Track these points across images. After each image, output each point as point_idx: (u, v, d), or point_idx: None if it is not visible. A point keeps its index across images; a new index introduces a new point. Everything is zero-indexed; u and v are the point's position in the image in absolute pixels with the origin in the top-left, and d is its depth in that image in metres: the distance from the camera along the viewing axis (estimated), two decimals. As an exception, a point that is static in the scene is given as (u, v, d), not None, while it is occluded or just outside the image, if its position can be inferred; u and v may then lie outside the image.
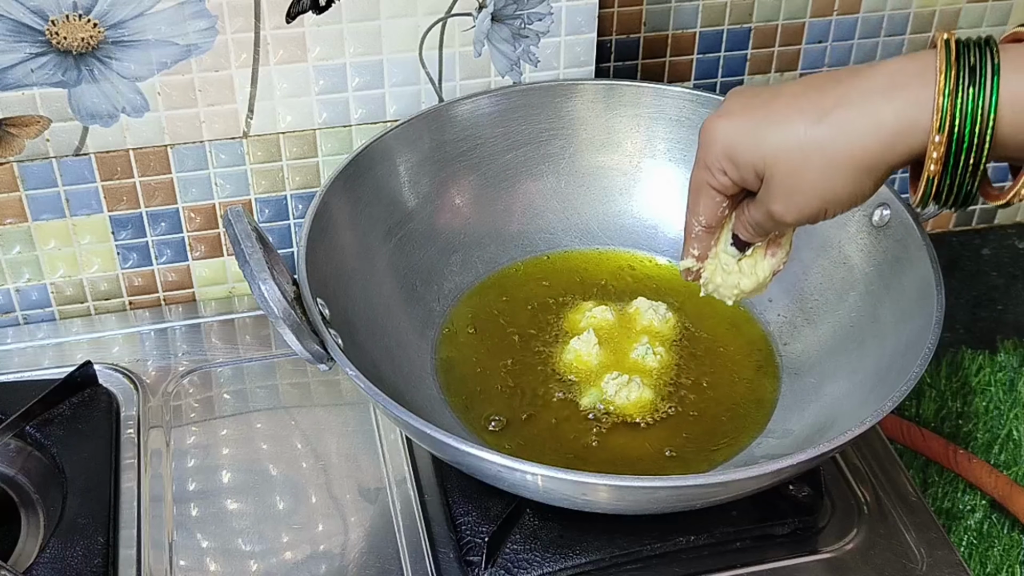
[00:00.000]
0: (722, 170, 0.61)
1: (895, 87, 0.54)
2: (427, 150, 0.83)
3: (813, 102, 0.56)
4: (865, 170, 0.55)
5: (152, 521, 0.72)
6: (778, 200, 0.58)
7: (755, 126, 0.58)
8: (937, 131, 0.53)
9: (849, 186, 0.56)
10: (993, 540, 0.82)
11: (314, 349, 0.64)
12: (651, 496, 0.62)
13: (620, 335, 0.81)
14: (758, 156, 0.58)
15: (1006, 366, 0.96)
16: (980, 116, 0.52)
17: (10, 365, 0.84)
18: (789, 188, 0.57)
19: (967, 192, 0.55)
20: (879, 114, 0.54)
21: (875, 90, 0.54)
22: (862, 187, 0.56)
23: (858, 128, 0.54)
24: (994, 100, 0.52)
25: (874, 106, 0.54)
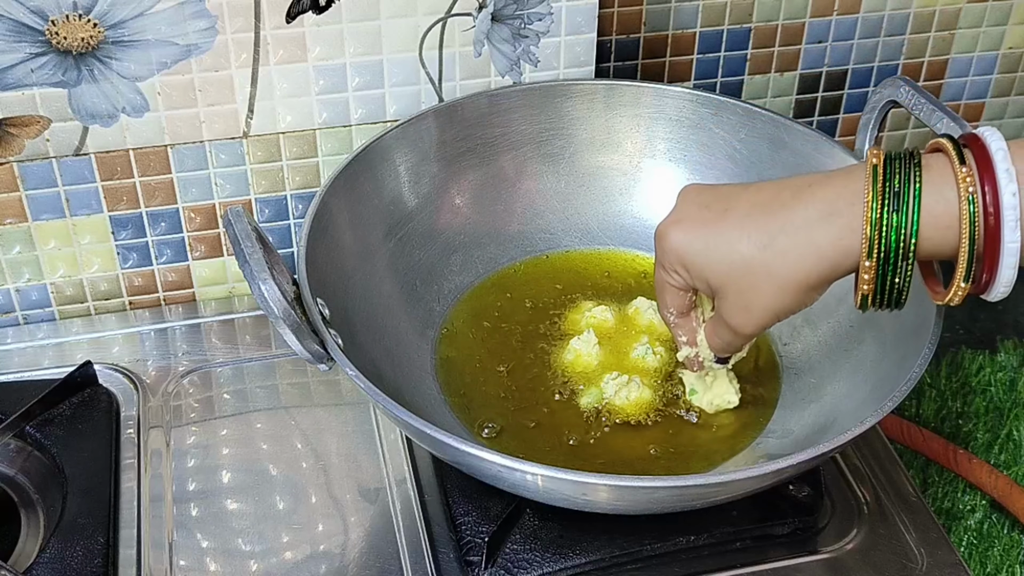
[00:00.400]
0: (676, 272, 0.67)
1: (832, 215, 0.59)
2: (427, 150, 0.83)
3: (760, 226, 0.61)
4: (808, 288, 0.62)
5: (152, 521, 0.72)
6: (735, 316, 0.65)
7: (705, 244, 0.64)
8: (866, 257, 0.58)
9: (796, 302, 0.63)
10: (993, 540, 0.82)
11: (314, 349, 0.64)
12: (651, 496, 0.62)
13: (620, 335, 0.81)
14: (710, 273, 0.64)
15: (1006, 366, 0.96)
16: (903, 237, 0.57)
17: (10, 365, 0.84)
18: (742, 305, 0.64)
19: (899, 299, 0.60)
20: (818, 242, 0.59)
21: (814, 219, 0.60)
22: (808, 300, 0.63)
23: (801, 255, 0.60)
24: (915, 222, 0.57)
25: (813, 235, 0.60)
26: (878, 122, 0.78)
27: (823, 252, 0.59)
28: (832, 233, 0.59)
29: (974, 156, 0.56)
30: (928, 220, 0.57)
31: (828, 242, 0.59)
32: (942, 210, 0.57)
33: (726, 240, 0.62)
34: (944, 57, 1.02)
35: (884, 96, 0.76)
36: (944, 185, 0.57)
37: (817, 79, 1.01)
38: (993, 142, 0.56)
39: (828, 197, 0.59)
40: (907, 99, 0.74)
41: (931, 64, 1.02)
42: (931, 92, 0.79)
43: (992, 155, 0.56)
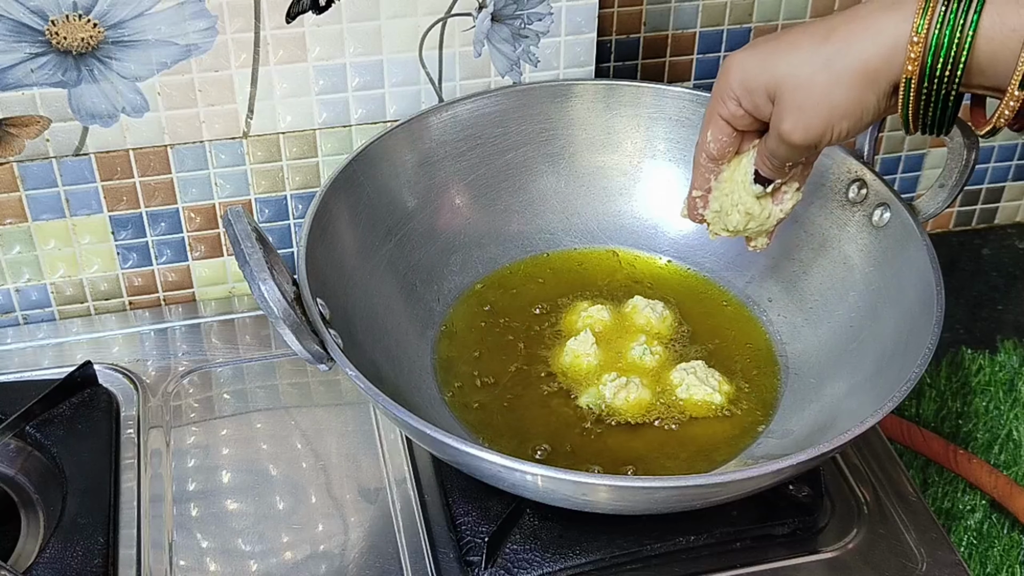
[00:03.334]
0: (734, 98, 0.64)
1: (896, 4, 0.57)
2: (427, 150, 0.83)
3: (822, 24, 0.59)
4: (866, 82, 0.58)
5: (152, 521, 0.72)
6: (787, 118, 0.61)
7: (769, 53, 0.62)
8: (915, 32, 0.56)
9: (852, 98, 0.59)
10: (993, 540, 0.82)
11: (314, 349, 0.64)
12: (651, 496, 0.62)
13: (617, 334, 0.81)
14: (770, 78, 0.61)
15: (1006, 366, 0.96)
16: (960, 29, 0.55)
17: (10, 365, 0.84)
18: (797, 104, 0.60)
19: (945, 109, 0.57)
20: (879, 26, 0.57)
21: (878, 8, 0.57)
22: (864, 100, 0.59)
23: (859, 40, 0.58)
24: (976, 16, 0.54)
25: (875, 20, 0.57)
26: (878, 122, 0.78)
27: (883, 36, 0.57)
28: (895, 16, 0.57)
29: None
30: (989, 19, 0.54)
31: (889, 23, 0.57)
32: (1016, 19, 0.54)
33: (789, 43, 0.61)
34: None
35: (884, 96, 0.76)
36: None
37: (817, 79, 1.00)
38: None
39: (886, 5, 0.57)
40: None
41: None
42: (931, 92, 0.79)
43: None
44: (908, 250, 0.73)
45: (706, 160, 0.70)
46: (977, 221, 1.12)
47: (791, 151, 0.64)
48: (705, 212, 0.73)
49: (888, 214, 0.76)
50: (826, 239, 0.80)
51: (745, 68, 0.63)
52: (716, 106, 0.66)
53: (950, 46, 0.55)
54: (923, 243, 0.72)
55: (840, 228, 0.79)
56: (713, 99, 0.66)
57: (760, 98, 0.63)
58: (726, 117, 0.66)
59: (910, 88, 0.57)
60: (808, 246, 0.80)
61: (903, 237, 0.74)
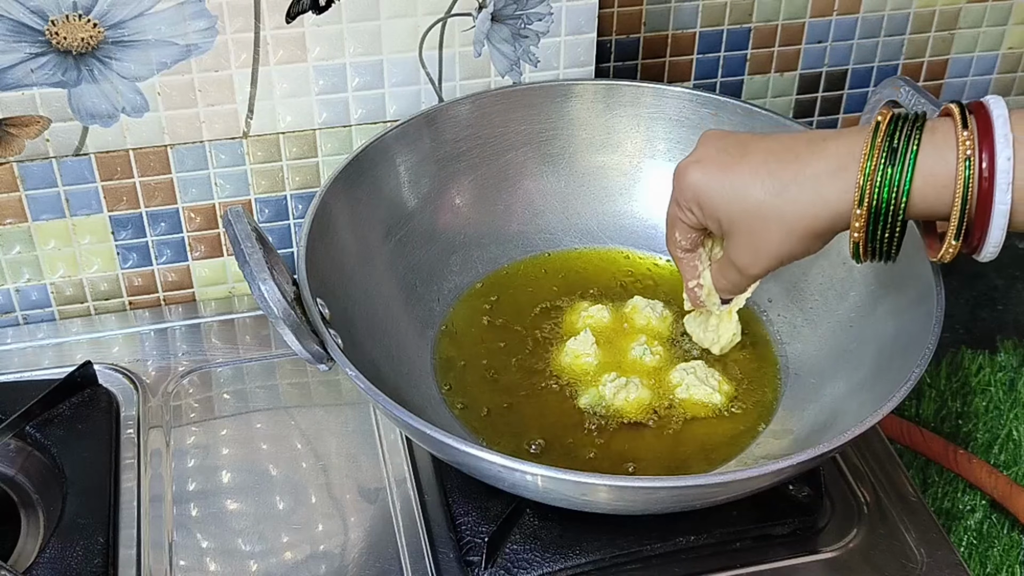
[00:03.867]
0: (690, 210, 0.70)
1: (840, 170, 0.63)
2: (427, 150, 0.83)
3: (774, 173, 0.65)
4: (815, 236, 0.65)
5: (152, 521, 0.72)
6: (742, 256, 0.69)
7: (721, 186, 0.67)
8: (857, 205, 0.62)
9: (802, 247, 0.66)
10: (993, 540, 0.82)
11: (314, 349, 0.64)
12: (651, 496, 0.62)
13: (617, 334, 0.81)
14: (723, 213, 0.67)
15: (1006, 366, 0.96)
16: (896, 192, 0.61)
17: (10, 365, 0.84)
18: (752, 246, 0.68)
19: (888, 252, 0.64)
20: (826, 195, 0.63)
21: (823, 173, 0.63)
22: (813, 247, 0.67)
23: (810, 204, 0.64)
24: (908, 180, 0.60)
25: (821, 187, 0.63)
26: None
27: (830, 203, 0.63)
28: (838, 187, 0.63)
29: (976, 121, 0.60)
30: (927, 179, 0.60)
31: (835, 195, 0.63)
32: (941, 171, 0.60)
33: (742, 183, 0.66)
34: (944, 57, 1.02)
35: (884, 96, 0.76)
36: (945, 147, 0.60)
37: (817, 79, 1.01)
38: (995, 108, 0.60)
39: (839, 153, 0.63)
40: (907, 99, 0.74)
41: (931, 64, 1.02)
42: (931, 92, 0.79)
43: (993, 121, 0.59)
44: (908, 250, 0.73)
45: (684, 255, 0.74)
46: (977, 221, 1.12)
47: (740, 279, 0.71)
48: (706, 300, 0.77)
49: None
50: (826, 239, 0.80)
51: (700, 190, 0.68)
52: (677, 212, 0.71)
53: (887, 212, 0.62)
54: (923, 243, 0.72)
55: (840, 228, 0.79)
56: (672, 204, 0.72)
57: (713, 224, 0.69)
58: (688, 223, 0.71)
59: (859, 246, 0.64)
60: (808, 246, 0.80)
61: (903, 237, 0.74)
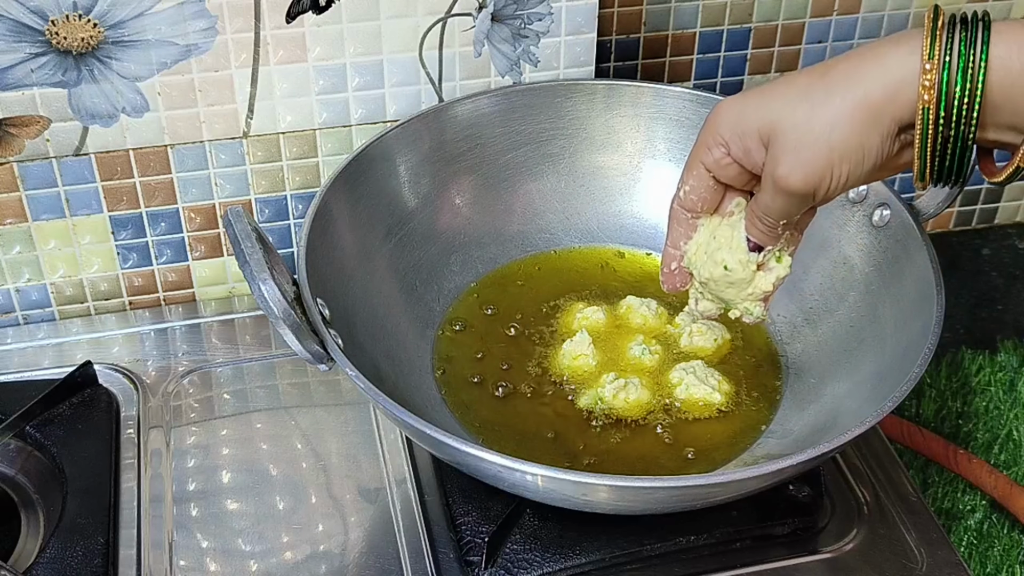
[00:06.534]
0: (722, 144, 0.60)
1: (901, 39, 0.53)
2: (427, 150, 0.83)
3: (820, 65, 0.56)
4: (870, 119, 0.54)
5: (152, 521, 0.72)
6: (783, 161, 0.56)
7: (764, 95, 0.58)
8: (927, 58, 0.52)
9: (854, 137, 0.54)
10: (993, 540, 0.82)
11: (314, 349, 0.64)
12: (651, 496, 0.62)
13: (614, 334, 0.81)
14: (764, 119, 0.57)
15: (1006, 366, 0.96)
16: (972, 57, 0.51)
17: (10, 365, 0.84)
18: (793, 145, 0.56)
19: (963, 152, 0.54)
20: (883, 60, 0.53)
21: (880, 44, 0.54)
22: (867, 141, 0.54)
23: (862, 74, 0.54)
24: (985, 45, 0.51)
25: (878, 54, 0.54)
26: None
27: (889, 69, 0.53)
28: (900, 50, 0.53)
29: None
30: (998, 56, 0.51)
31: (895, 56, 0.53)
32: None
33: (784, 82, 0.57)
34: (944, 57, 1.02)
35: (884, 96, 0.76)
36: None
37: (817, 79, 1.00)
38: None
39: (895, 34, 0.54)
40: (907, 99, 0.74)
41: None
42: (931, 92, 0.79)
43: None
44: (908, 250, 0.73)
45: (679, 208, 0.65)
46: (977, 221, 1.12)
47: (787, 202, 0.59)
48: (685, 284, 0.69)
49: (888, 214, 0.76)
50: (826, 239, 0.80)
51: (737, 110, 0.59)
52: (699, 152, 0.61)
53: (964, 79, 0.52)
54: (923, 243, 0.72)
55: (840, 228, 0.79)
56: (697, 145, 0.62)
57: (752, 141, 0.58)
58: (709, 165, 0.61)
59: (927, 124, 0.53)
60: (808, 246, 0.80)
61: (903, 237, 0.74)
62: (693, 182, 0.63)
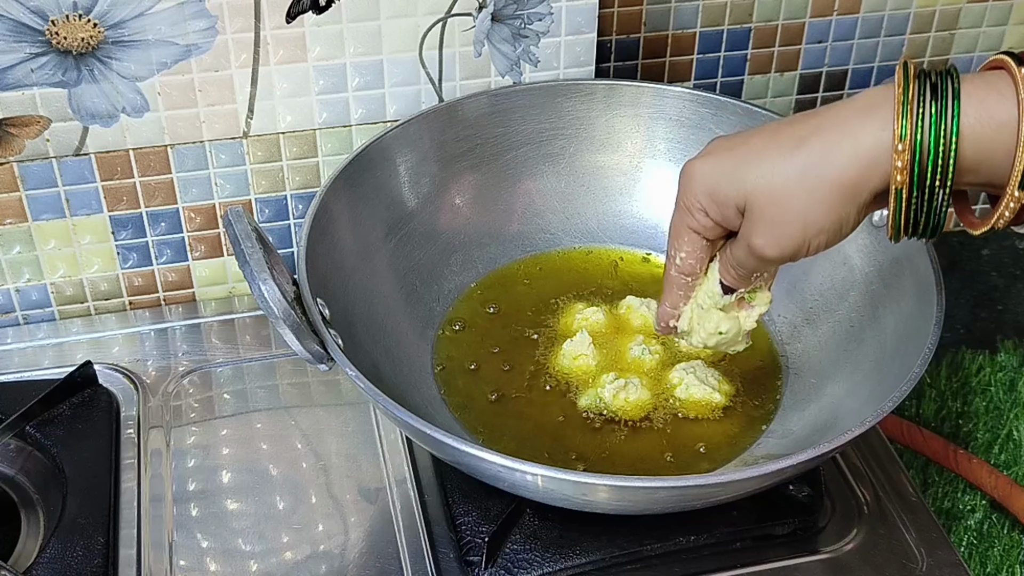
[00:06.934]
0: (702, 209, 0.60)
1: (871, 108, 0.54)
2: (427, 150, 0.83)
3: (789, 134, 0.56)
4: (847, 194, 0.55)
5: (152, 521, 0.72)
6: (760, 232, 0.58)
7: (735, 163, 0.58)
8: (899, 139, 0.52)
9: (832, 212, 0.56)
10: (993, 540, 0.82)
11: (314, 349, 0.64)
12: (651, 496, 0.62)
13: (614, 334, 0.81)
14: (739, 190, 0.58)
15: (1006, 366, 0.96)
16: (944, 127, 0.52)
17: (10, 365, 0.84)
18: (771, 218, 0.57)
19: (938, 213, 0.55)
20: (857, 135, 0.54)
21: (851, 115, 0.54)
22: (845, 213, 0.56)
23: (836, 151, 0.54)
24: (956, 112, 0.52)
25: (851, 128, 0.54)
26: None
27: (863, 145, 0.53)
28: (872, 125, 0.53)
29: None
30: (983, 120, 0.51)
31: (867, 133, 0.53)
32: (1001, 111, 0.51)
33: (756, 153, 0.57)
34: (944, 57, 1.02)
35: (884, 96, 0.76)
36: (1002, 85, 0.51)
37: (817, 79, 1.01)
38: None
39: (866, 96, 0.54)
40: (907, 99, 0.74)
41: (931, 64, 1.02)
42: (931, 92, 0.79)
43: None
44: (908, 250, 0.73)
45: (678, 275, 0.65)
46: (977, 221, 1.12)
47: (762, 265, 0.61)
48: (677, 324, 0.69)
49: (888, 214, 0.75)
50: (826, 239, 0.80)
51: (710, 180, 0.59)
52: (684, 218, 0.62)
53: (937, 149, 0.52)
54: (923, 243, 0.72)
55: (840, 228, 0.79)
56: (679, 211, 0.62)
57: (729, 210, 0.59)
58: (696, 229, 0.62)
59: (901, 198, 0.54)
60: (808, 246, 0.80)
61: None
62: (688, 247, 0.63)
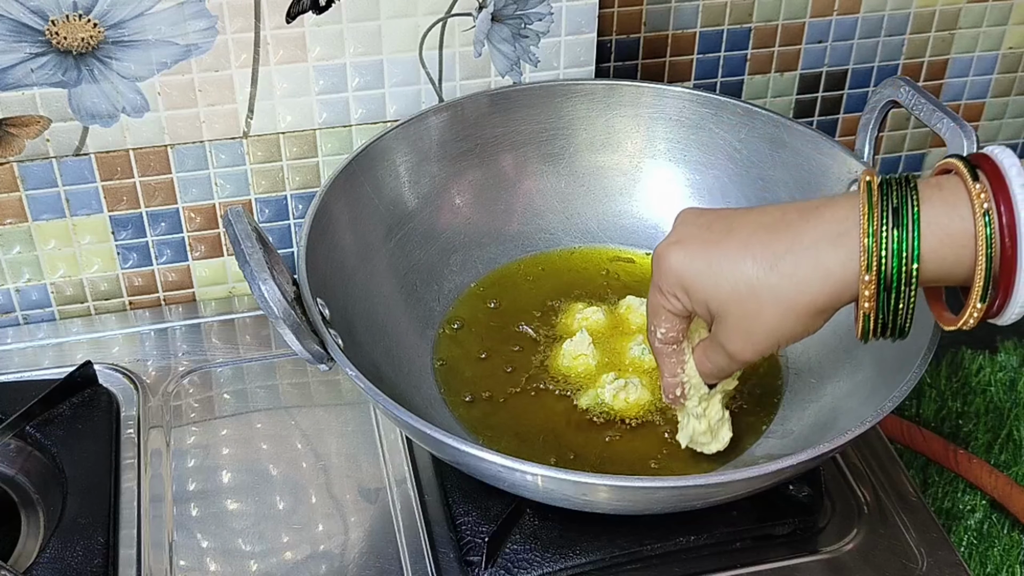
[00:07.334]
0: (675, 296, 0.63)
1: (840, 236, 0.57)
2: (427, 150, 0.83)
3: (765, 246, 0.59)
4: (816, 313, 0.59)
5: (152, 521, 0.72)
6: (734, 340, 0.62)
7: (708, 264, 0.61)
8: (865, 271, 0.56)
9: (801, 327, 0.60)
10: (993, 540, 0.82)
11: (314, 349, 0.64)
12: (651, 496, 0.62)
13: (614, 334, 0.81)
14: (711, 295, 0.61)
15: (1006, 366, 0.96)
16: (905, 254, 0.55)
17: (10, 365, 0.84)
18: (745, 330, 0.61)
19: (902, 326, 0.58)
20: (826, 264, 0.57)
21: (821, 239, 0.57)
22: (814, 326, 0.60)
23: (808, 278, 0.58)
24: (917, 237, 0.55)
25: (822, 256, 0.57)
26: (878, 122, 0.78)
27: (831, 274, 0.57)
28: (840, 255, 0.57)
29: (987, 174, 0.55)
30: (942, 239, 0.55)
31: (836, 263, 0.57)
32: (957, 228, 0.55)
33: (730, 260, 0.60)
34: (944, 57, 1.02)
35: (884, 96, 0.77)
36: (958, 203, 0.55)
37: (817, 79, 1.01)
38: (1005, 159, 0.55)
39: (837, 217, 0.57)
40: (907, 99, 0.74)
41: (931, 64, 1.02)
42: (931, 92, 0.79)
43: (1005, 172, 0.54)
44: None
45: (663, 346, 0.67)
46: (977, 221, 1.12)
47: (730, 364, 0.64)
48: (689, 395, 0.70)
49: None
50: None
51: (684, 273, 0.61)
52: (660, 300, 0.64)
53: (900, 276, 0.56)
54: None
55: (840, 228, 0.79)
56: (654, 291, 0.65)
57: (700, 308, 0.62)
58: (672, 310, 0.64)
59: (868, 319, 0.58)
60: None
61: (903, 237, 0.74)
62: (666, 324, 0.66)
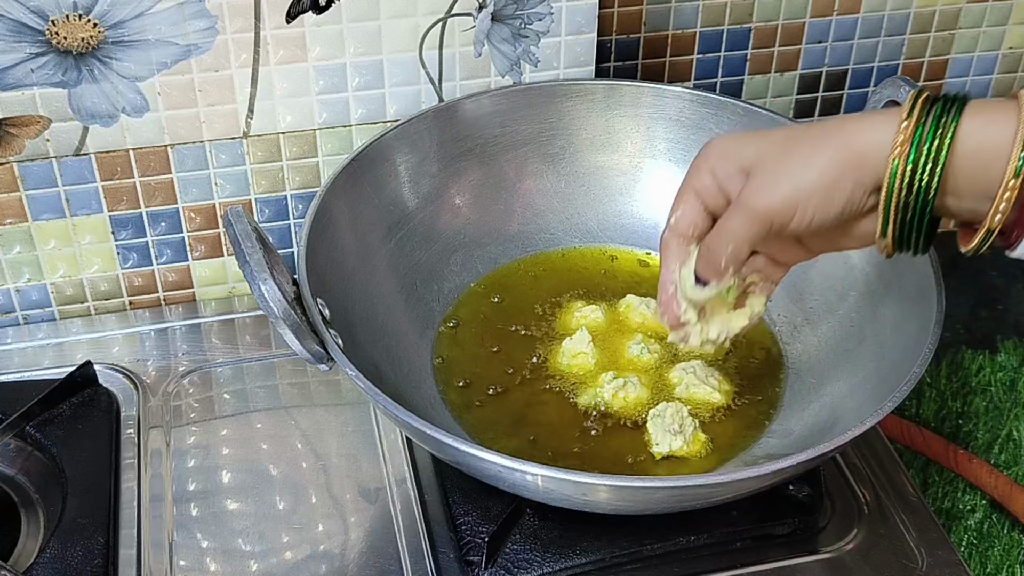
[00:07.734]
0: (710, 169, 0.63)
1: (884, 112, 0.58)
2: (427, 150, 0.83)
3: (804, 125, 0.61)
4: (849, 163, 0.58)
5: (152, 521, 0.72)
6: (756, 184, 0.60)
7: (756, 137, 0.63)
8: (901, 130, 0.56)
9: (828, 175, 0.58)
10: (993, 540, 0.82)
11: (314, 349, 0.64)
12: (651, 496, 0.62)
13: (613, 333, 0.81)
14: (753, 154, 0.61)
15: (1006, 366, 0.96)
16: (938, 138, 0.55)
17: (10, 365, 0.84)
18: (772, 172, 0.60)
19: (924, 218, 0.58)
20: (869, 122, 0.58)
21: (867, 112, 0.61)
22: (840, 183, 0.58)
23: (849, 128, 0.58)
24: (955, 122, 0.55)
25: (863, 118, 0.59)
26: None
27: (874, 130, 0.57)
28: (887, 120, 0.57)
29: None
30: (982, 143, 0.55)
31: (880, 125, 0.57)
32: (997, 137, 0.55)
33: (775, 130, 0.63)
34: (944, 57, 1.02)
35: (884, 96, 0.76)
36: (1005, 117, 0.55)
37: (817, 79, 1.01)
38: None
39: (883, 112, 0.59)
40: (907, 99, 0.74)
41: (931, 64, 1.02)
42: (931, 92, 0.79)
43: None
44: (908, 250, 0.73)
45: (672, 239, 0.67)
46: (977, 221, 1.12)
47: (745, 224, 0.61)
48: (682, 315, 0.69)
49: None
50: (826, 239, 0.80)
51: (729, 143, 0.63)
52: (690, 178, 0.65)
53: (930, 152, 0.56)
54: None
55: (840, 228, 0.79)
56: (688, 174, 0.65)
57: (736, 168, 0.62)
58: (697, 188, 0.64)
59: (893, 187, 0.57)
60: (808, 246, 0.80)
61: (903, 237, 0.74)
62: (684, 207, 0.65)
